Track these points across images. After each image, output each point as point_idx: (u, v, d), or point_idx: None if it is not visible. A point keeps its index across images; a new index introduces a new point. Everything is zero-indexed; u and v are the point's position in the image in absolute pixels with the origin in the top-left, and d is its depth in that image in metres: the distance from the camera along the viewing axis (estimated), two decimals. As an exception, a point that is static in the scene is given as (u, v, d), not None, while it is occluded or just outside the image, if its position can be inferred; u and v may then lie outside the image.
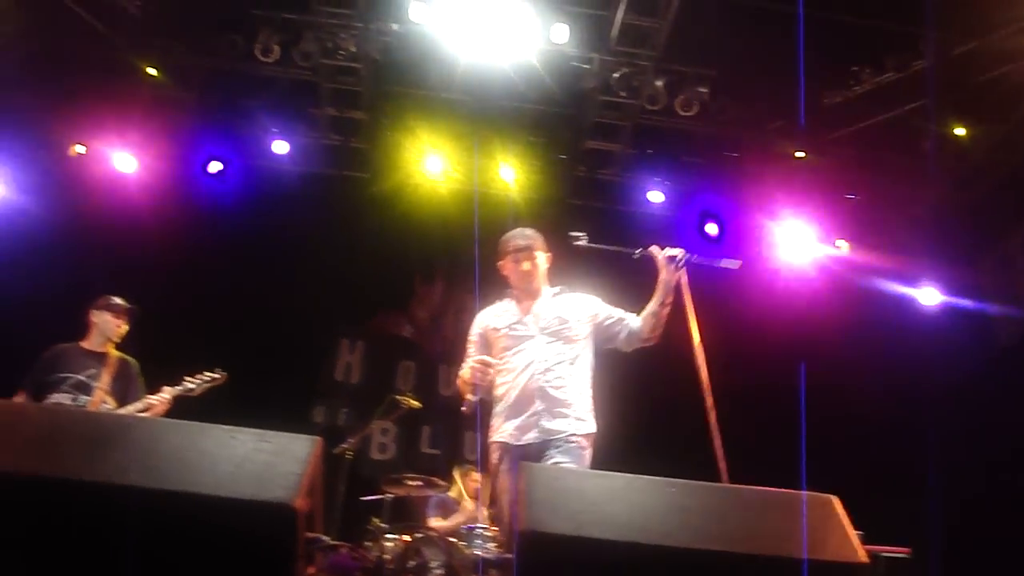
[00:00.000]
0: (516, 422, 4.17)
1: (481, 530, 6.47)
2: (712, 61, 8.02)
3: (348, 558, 2.72)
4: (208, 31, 7.87)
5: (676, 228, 8.97)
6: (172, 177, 8.45)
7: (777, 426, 7.59)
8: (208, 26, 7.84)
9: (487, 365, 4.14)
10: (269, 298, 8.20)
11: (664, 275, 4.28)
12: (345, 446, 6.69)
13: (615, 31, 7.45)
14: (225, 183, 8.49)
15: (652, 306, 4.31)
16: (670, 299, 4.28)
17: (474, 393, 4.09)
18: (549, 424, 4.12)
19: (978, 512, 7.91)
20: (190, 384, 5.58)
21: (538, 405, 4.15)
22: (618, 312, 4.44)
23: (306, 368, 8.42)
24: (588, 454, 4.21)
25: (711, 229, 8.94)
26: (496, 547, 6.15)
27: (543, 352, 4.24)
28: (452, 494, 7.43)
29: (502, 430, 4.21)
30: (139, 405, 5.44)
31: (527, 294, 4.42)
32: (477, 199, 8.16)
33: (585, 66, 7.85)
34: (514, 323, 4.37)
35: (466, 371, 4.19)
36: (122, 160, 8.31)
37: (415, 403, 7.03)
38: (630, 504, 2.94)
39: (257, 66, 7.85)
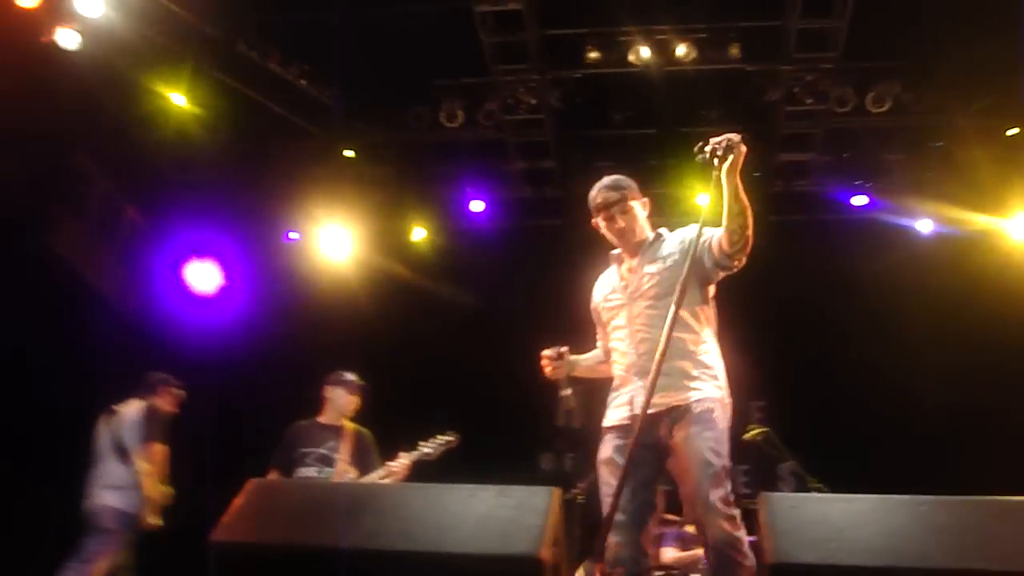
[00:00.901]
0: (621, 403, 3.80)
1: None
2: (898, 52, 7.68)
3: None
4: (395, 108, 8.29)
5: (885, 228, 8.59)
6: (381, 249, 8.90)
7: (993, 419, 7.14)
8: (394, 103, 8.26)
9: (553, 357, 3.85)
10: (484, 355, 8.45)
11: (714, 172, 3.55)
12: (576, 491, 6.75)
13: (792, 39, 7.28)
14: (430, 247, 8.90)
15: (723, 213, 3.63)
16: (731, 195, 3.59)
17: (561, 386, 3.79)
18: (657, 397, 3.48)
19: None
20: (426, 449, 5.85)
21: (642, 380, 3.60)
22: (708, 230, 3.72)
23: (528, 418, 8.58)
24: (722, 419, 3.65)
25: (923, 226, 8.52)
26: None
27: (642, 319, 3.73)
28: (689, 528, 7.34)
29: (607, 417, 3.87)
30: (380, 472, 5.74)
31: (629, 252, 3.90)
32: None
33: (766, 79, 7.70)
34: (609, 293, 3.96)
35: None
36: (332, 240, 8.78)
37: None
38: (879, 526, 2.83)
39: (445, 133, 8.19)
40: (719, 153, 3.51)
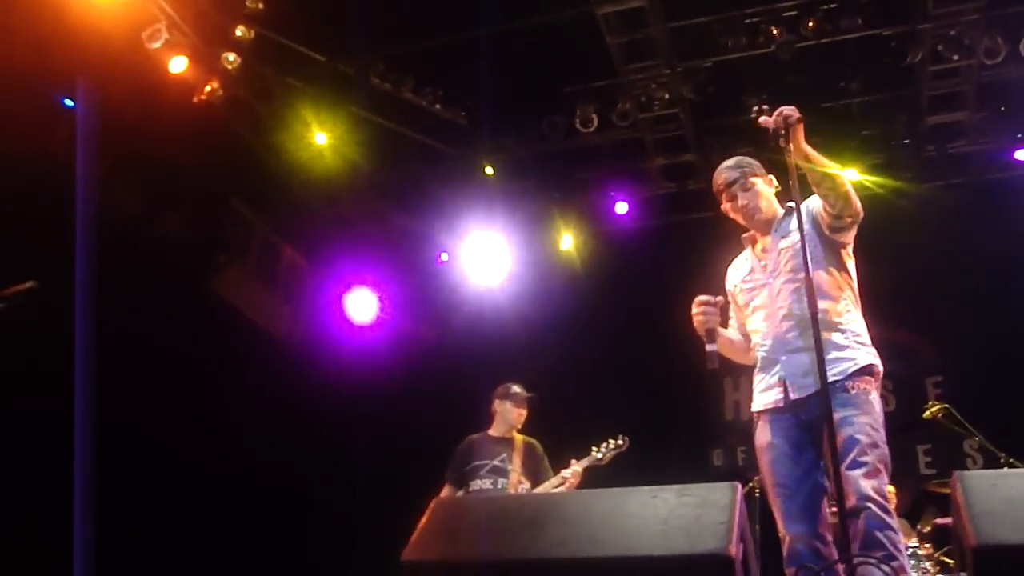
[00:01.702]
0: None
1: (914, 549, 6.13)
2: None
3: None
4: (529, 120, 8.37)
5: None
6: (532, 261, 9.01)
7: None
8: (529, 116, 8.34)
9: (708, 303, 3.72)
10: (644, 356, 8.44)
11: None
12: (752, 484, 6.65)
13: (929, -7, 6.96)
14: (579, 254, 8.95)
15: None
16: (806, 166, 3.53)
17: (709, 340, 3.65)
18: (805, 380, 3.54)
19: None
20: (597, 454, 5.91)
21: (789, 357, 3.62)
22: (813, 200, 3.78)
23: (697, 415, 8.51)
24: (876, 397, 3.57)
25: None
26: (934, 567, 5.78)
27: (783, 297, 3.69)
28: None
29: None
30: (555, 481, 5.82)
31: (760, 230, 3.90)
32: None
33: (905, 41, 7.38)
34: (746, 275, 3.93)
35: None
36: (483, 257, 8.96)
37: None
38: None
39: (581, 138, 8.22)
40: (782, 132, 3.50)
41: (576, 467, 5.84)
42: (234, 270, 8.16)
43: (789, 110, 3.55)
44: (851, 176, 8.12)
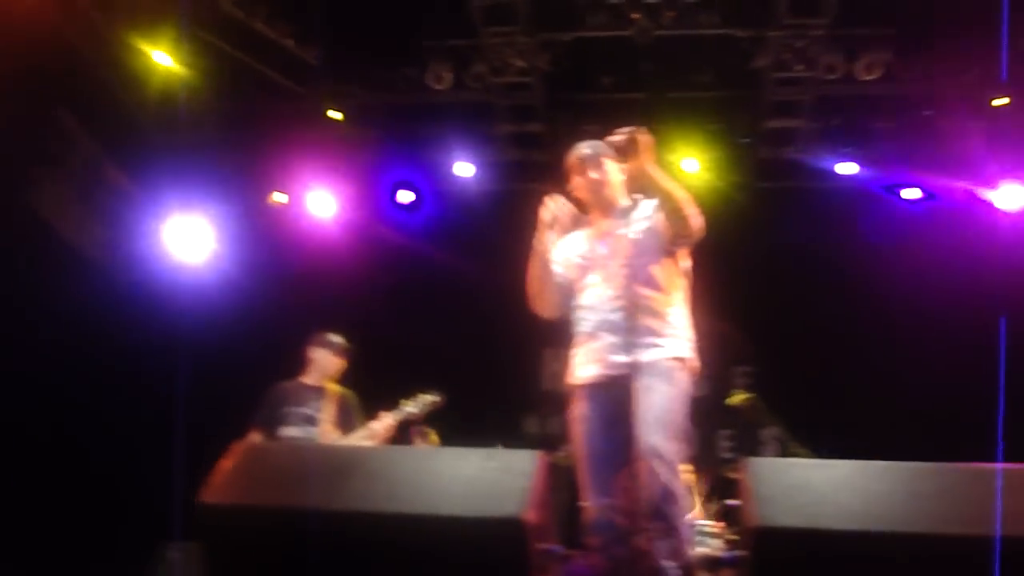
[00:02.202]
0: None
1: (705, 527, 6.44)
2: (890, 19, 7.64)
3: (583, 566, 2.78)
4: (381, 69, 8.21)
5: (872, 197, 8.62)
6: (367, 212, 8.88)
7: (973, 388, 7.18)
8: (381, 64, 8.18)
9: (559, 204, 3.86)
10: (470, 319, 8.47)
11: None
12: (561, 453, 6.81)
13: (783, 4, 7.23)
14: (418, 211, 8.87)
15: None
16: (652, 186, 3.75)
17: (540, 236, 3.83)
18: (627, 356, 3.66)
19: None
20: (410, 408, 5.85)
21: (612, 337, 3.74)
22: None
23: (515, 381, 8.63)
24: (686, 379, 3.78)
25: (911, 192, 8.53)
26: (723, 544, 6.09)
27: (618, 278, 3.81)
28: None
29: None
30: (363, 433, 5.75)
31: (604, 211, 3.98)
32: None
33: (755, 45, 7.66)
34: (584, 251, 4.01)
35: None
36: (318, 203, 8.75)
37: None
38: (860, 492, 2.87)
39: (432, 95, 8.12)
40: (629, 150, 3.73)
41: (386, 420, 5.77)
42: (52, 185, 7.64)
43: (643, 137, 3.73)
44: (691, 167, 8.41)
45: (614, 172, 3.99)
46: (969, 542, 2.79)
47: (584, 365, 3.87)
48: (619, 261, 3.83)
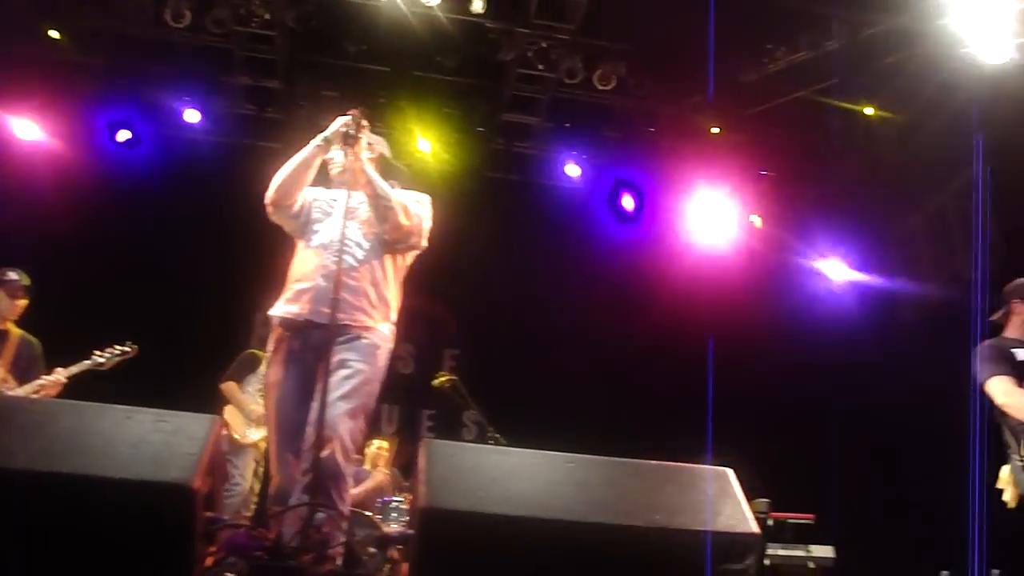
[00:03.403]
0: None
1: (397, 503, 6.52)
2: (629, 36, 8.06)
3: (246, 536, 2.70)
4: (116, -6, 7.61)
5: (592, 201, 9.07)
6: (79, 146, 8.18)
7: (688, 398, 7.82)
8: (117, -12, 7.59)
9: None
10: (185, 271, 8.07)
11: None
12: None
13: (534, 4, 7.43)
14: (135, 152, 8.27)
15: None
16: (362, 183, 3.87)
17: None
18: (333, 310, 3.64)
19: (878, 480, 8.23)
20: (99, 358, 5.48)
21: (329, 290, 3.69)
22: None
23: (224, 343, 8.29)
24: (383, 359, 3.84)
25: (627, 203, 9.04)
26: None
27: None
28: (366, 465, 7.49)
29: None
30: (31, 386, 5.27)
31: (354, 182, 3.94)
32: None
33: (503, 38, 7.81)
34: (331, 199, 4.02)
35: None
36: (23, 127, 8.00)
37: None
38: (530, 479, 2.99)
39: (167, 32, 7.62)
40: (351, 134, 3.83)
41: (58, 375, 5.33)
42: None
43: (357, 119, 3.85)
44: (425, 148, 8.45)
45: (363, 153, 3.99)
46: (629, 532, 2.98)
47: (290, 302, 3.84)
48: (356, 223, 3.90)
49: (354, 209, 3.89)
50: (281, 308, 3.85)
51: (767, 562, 7.15)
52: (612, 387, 8.86)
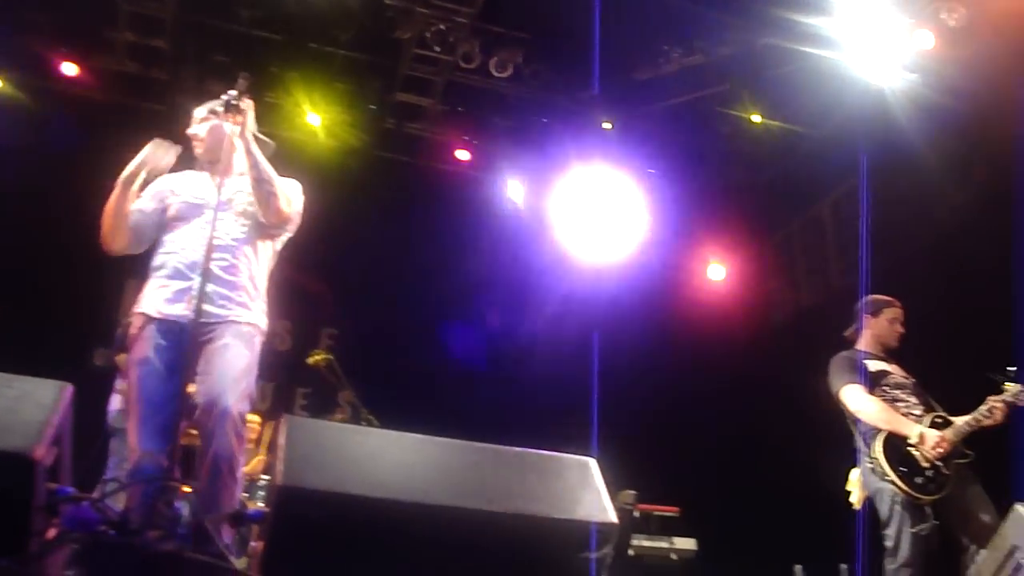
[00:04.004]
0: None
1: (266, 482, 6.40)
2: (528, 26, 8.06)
3: (90, 511, 2.58)
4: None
5: (480, 188, 9.04)
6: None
7: (569, 390, 7.92)
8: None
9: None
10: (49, 235, 7.69)
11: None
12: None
13: (435, -15, 7.36)
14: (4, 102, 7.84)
15: None
16: (246, 144, 3.76)
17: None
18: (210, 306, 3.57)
19: (742, 477, 8.47)
20: None
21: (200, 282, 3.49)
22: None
23: (91, 310, 7.95)
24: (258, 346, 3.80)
25: (515, 191, 9.04)
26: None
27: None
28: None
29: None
30: None
31: (225, 165, 3.76)
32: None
33: (402, 16, 7.71)
34: (196, 191, 3.88)
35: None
36: None
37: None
38: (391, 461, 2.95)
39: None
40: (236, 104, 3.68)
41: None
42: None
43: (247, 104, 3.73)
44: (314, 122, 8.28)
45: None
46: (489, 518, 2.97)
47: (168, 301, 3.70)
48: (230, 212, 3.81)
49: (227, 201, 3.78)
50: (149, 303, 3.72)
51: (632, 552, 7.30)
52: (493, 374, 8.88)
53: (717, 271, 9.73)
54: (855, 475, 4.81)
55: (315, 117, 8.29)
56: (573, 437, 6.39)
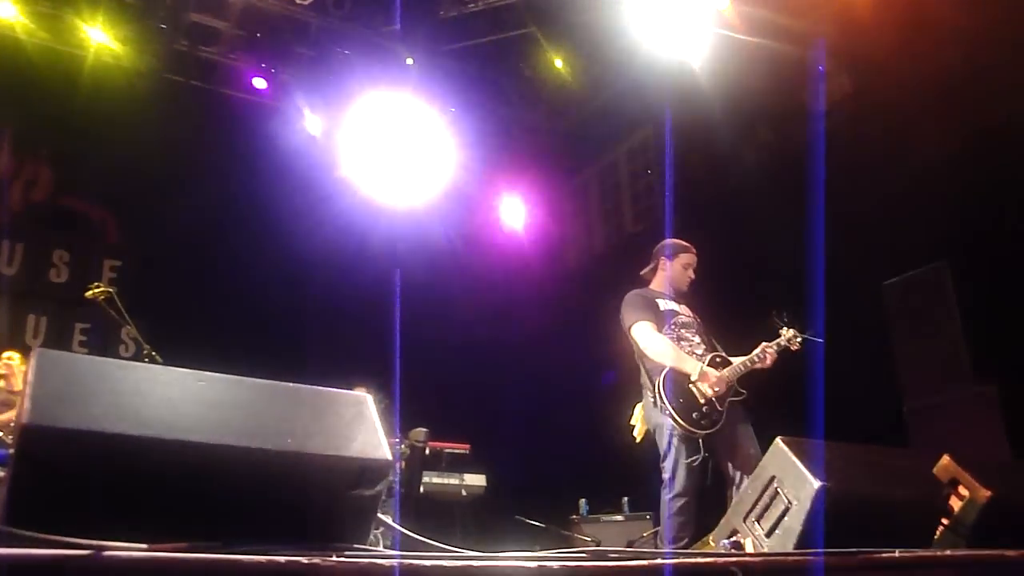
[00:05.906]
0: None
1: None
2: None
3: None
4: None
5: (276, 117, 8.69)
6: None
7: (374, 331, 7.86)
8: None
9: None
10: None
11: None
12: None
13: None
14: None
15: None
16: None
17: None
18: None
19: (534, 413, 8.72)
20: None
21: None
22: None
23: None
24: None
25: (312, 124, 8.74)
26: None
27: None
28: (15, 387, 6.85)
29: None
30: None
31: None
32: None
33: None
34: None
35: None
36: None
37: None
38: (155, 397, 2.79)
39: None
40: None
41: None
42: None
43: None
44: (98, 38, 7.69)
45: None
46: (259, 455, 2.87)
47: None
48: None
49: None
50: None
51: (422, 489, 7.38)
52: (289, 308, 8.68)
53: (517, 212, 9.84)
54: (638, 410, 4.99)
55: (98, 32, 7.68)
56: (373, 374, 6.39)
